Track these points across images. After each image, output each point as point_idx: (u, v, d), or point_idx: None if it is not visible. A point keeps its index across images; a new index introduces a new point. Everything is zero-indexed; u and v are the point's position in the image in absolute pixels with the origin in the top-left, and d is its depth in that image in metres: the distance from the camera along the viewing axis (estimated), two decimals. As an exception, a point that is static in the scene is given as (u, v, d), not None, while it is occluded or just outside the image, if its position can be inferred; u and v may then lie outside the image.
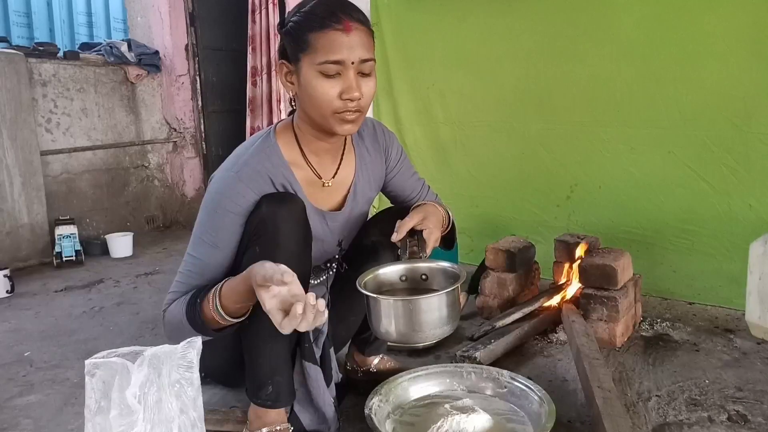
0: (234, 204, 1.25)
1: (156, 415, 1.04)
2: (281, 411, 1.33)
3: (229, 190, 1.25)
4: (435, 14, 2.88)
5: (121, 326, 2.27)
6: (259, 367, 1.29)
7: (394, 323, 1.21)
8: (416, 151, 3.05)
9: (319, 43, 1.16)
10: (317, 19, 1.16)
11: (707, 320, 2.10)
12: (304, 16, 1.18)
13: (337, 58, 1.16)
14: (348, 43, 1.16)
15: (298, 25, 1.18)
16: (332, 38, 1.16)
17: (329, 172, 1.39)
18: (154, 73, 4.08)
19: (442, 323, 1.22)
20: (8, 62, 3.12)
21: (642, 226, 2.37)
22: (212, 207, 1.27)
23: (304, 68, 1.19)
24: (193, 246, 1.29)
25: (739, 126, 2.12)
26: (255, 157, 1.29)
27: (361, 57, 1.18)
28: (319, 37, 1.16)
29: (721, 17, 2.11)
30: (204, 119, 4.35)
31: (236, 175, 1.26)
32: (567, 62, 2.50)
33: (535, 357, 1.86)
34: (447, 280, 1.33)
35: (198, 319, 1.20)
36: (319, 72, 1.18)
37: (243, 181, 1.25)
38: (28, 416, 1.61)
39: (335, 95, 1.19)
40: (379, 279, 1.35)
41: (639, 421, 1.46)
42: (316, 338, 1.38)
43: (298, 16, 1.20)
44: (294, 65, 1.22)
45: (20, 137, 3.18)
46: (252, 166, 1.27)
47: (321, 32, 1.16)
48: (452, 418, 1.37)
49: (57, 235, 3.21)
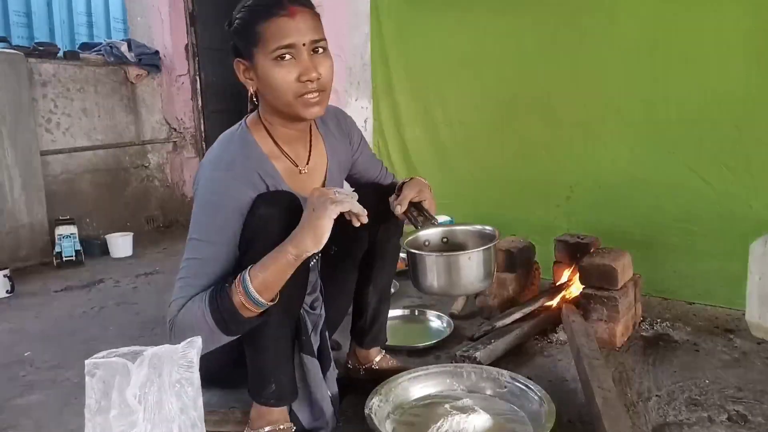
0: (235, 200, 1.24)
1: (156, 415, 1.04)
2: (283, 409, 1.33)
3: (226, 189, 1.25)
4: (435, 14, 2.88)
5: (121, 326, 2.27)
6: (262, 366, 1.29)
7: (437, 277, 1.36)
8: (416, 151, 3.05)
9: (269, 32, 1.19)
10: (262, 10, 1.20)
11: (707, 320, 2.10)
12: (249, 10, 1.22)
13: (288, 42, 1.19)
14: (295, 26, 1.19)
15: (245, 21, 1.22)
16: (279, 25, 1.19)
17: (303, 160, 1.41)
18: (154, 73, 4.09)
19: (478, 278, 1.37)
20: (8, 62, 3.12)
21: (642, 226, 2.37)
22: (212, 208, 1.25)
23: (260, 60, 1.22)
24: (195, 250, 1.25)
25: (739, 126, 2.12)
26: (240, 154, 1.30)
27: (311, 38, 1.22)
28: (267, 26, 1.19)
29: (721, 17, 2.11)
30: (204, 119, 4.35)
31: (229, 174, 1.26)
32: (567, 62, 2.50)
33: (535, 357, 1.86)
34: (483, 240, 1.46)
35: (226, 309, 1.16)
36: (273, 60, 1.20)
37: (237, 179, 1.25)
38: (28, 416, 1.61)
39: (293, 79, 1.21)
40: (419, 241, 1.47)
41: (639, 421, 1.46)
42: (315, 325, 1.40)
43: (243, 11, 1.23)
44: (249, 61, 1.25)
45: (20, 137, 3.18)
46: (240, 163, 1.28)
47: (268, 21, 1.19)
48: (452, 418, 1.37)
49: (57, 235, 3.21)
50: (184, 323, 1.21)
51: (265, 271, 1.16)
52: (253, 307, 1.16)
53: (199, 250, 1.25)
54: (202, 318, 1.18)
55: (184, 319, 1.21)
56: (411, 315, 2.25)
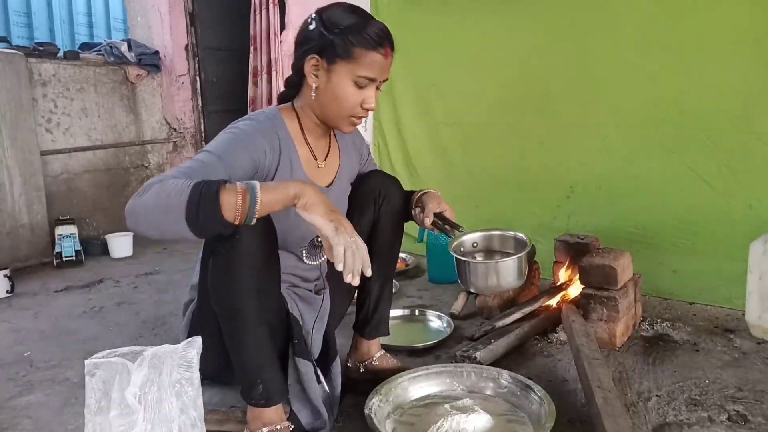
0: (251, 143, 1.32)
1: (156, 414, 1.04)
2: (279, 409, 1.34)
3: (247, 130, 1.34)
4: (435, 14, 2.88)
5: (121, 326, 2.27)
6: (246, 368, 1.30)
7: (480, 278, 1.60)
8: (416, 151, 3.05)
9: (364, 60, 1.33)
10: (370, 41, 1.32)
11: (707, 320, 2.10)
12: (358, 33, 1.32)
13: (373, 76, 1.35)
14: (383, 66, 1.36)
15: (349, 38, 1.32)
16: (375, 59, 1.34)
17: (321, 155, 1.51)
18: (154, 73, 4.08)
19: (514, 279, 1.60)
20: (8, 62, 3.12)
21: (642, 226, 2.37)
22: (232, 136, 1.32)
23: (340, 72, 1.34)
24: (200, 156, 1.28)
25: (739, 126, 2.12)
26: (270, 122, 1.40)
27: (385, 78, 1.40)
28: (365, 54, 1.33)
29: (721, 17, 2.11)
30: (204, 119, 4.35)
31: (255, 124, 1.36)
32: (567, 62, 2.50)
33: (535, 357, 1.86)
34: (516, 246, 1.69)
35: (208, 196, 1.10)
36: (352, 81, 1.34)
37: (261, 131, 1.35)
38: (28, 416, 1.61)
39: (357, 102, 1.37)
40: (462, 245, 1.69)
41: (639, 421, 1.46)
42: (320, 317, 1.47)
43: (352, 31, 1.32)
44: (328, 64, 1.34)
45: (20, 137, 3.18)
46: (266, 123, 1.38)
47: (368, 51, 1.33)
48: (452, 418, 1.37)
49: (57, 235, 3.21)
50: (152, 198, 1.13)
51: (268, 193, 1.16)
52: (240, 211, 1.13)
53: (205, 157, 1.27)
54: (175, 190, 1.11)
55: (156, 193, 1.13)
56: (411, 315, 2.25)
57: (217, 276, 1.27)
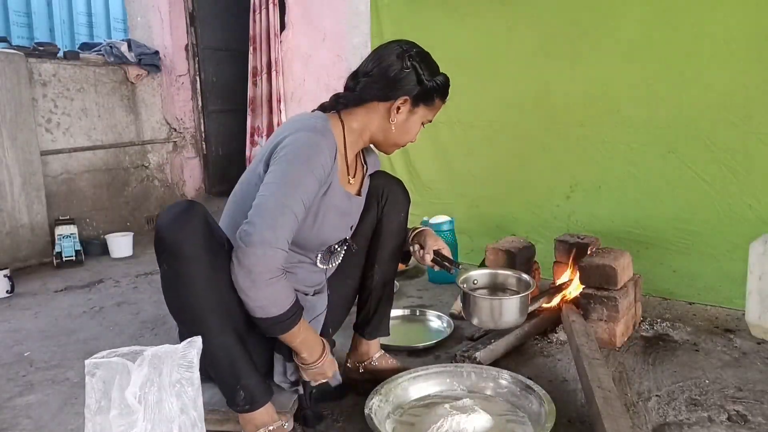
0: (320, 168, 1.34)
1: (156, 414, 1.04)
2: (268, 409, 1.34)
3: (319, 149, 1.34)
4: (435, 14, 2.88)
5: (121, 326, 2.27)
6: (223, 378, 1.31)
7: (484, 314, 1.70)
8: (416, 151, 3.05)
9: (434, 106, 1.52)
10: (443, 91, 1.51)
11: (707, 320, 2.10)
12: (441, 85, 1.49)
13: (432, 119, 1.55)
14: (438, 111, 1.55)
15: (435, 89, 1.48)
16: (438, 107, 1.54)
17: (352, 170, 1.54)
18: (154, 73, 4.08)
19: (516, 317, 1.71)
20: (8, 62, 3.12)
21: (642, 226, 2.37)
22: (306, 159, 1.32)
23: (419, 114, 1.50)
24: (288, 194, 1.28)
25: (739, 126, 2.12)
26: (327, 135, 1.40)
27: None
28: (438, 103, 1.52)
29: (721, 17, 2.11)
30: (204, 119, 4.35)
31: (322, 138, 1.37)
32: (567, 62, 2.50)
33: (535, 357, 1.86)
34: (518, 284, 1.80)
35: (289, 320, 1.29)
36: (419, 121, 1.52)
37: (327, 146, 1.36)
38: (28, 416, 1.61)
39: (412, 138, 1.55)
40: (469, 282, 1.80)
41: (639, 421, 1.46)
42: None
43: (440, 85, 1.49)
44: (412, 107, 1.47)
45: (20, 137, 3.18)
46: (326, 134, 1.39)
47: (439, 101, 1.52)
48: (452, 418, 1.37)
49: (57, 235, 3.21)
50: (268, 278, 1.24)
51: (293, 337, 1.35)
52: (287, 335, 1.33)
53: (298, 207, 1.29)
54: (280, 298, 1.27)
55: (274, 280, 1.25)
56: (411, 315, 2.25)
57: (170, 293, 1.28)
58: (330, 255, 1.54)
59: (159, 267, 1.27)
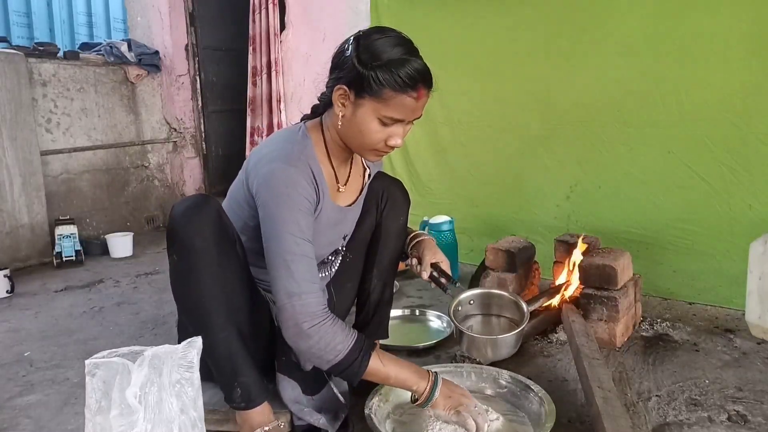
0: (306, 201, 1.27)
1: (156, 414, 1.04)
2: (264, 409, 1.34)
3: (295, 185, 1.26)
4: (435, 14, 2.88)
5: (121, 326, 2.27)
6: (221, 373, 1.31)
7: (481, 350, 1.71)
8: (416, 151, 3.05)
9: (391, 102, 1.22)
10: (401, 83, 1.21)
11: (707, 320, 2.10)
12: (390, 73, 1.20)
13: (400, 117, 1.25)
14: (414, 108, 1.26)
15: (380, 77, 1.21)
16: (404, 102, 1.23)
17: (342, 178, 1.47)
18: (154, 73, 4.08)
19: (510, 349, 1.72)
20: (8, 62, 3.12)
21: (642, 226, 2.37)
22: (290, 202, 1.25)
23: (365, 107, 1.24)
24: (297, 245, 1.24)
25: (739, 126, 2.12)
26: (297, 148, 1.32)
27: (416, 117, 1.29)
28: (393, 96, 1.22)
29: (721, 17, 2.11)
30: (204, 119, 4.35)
31: (292, 168, 1.27)
32: (567, 62, 2.50)
33: (535, 357, 1.86)
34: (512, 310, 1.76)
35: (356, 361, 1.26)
36: (377, 118, 1.25)
37: (300, 174, 1.27)
38: (28, 416, 1.61)
39: (381, 139, 1.28)
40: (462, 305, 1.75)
41: (639, 421, 1.46)
42: None
43: (384, 69, 1.21)
44: (354, 97, 1.25)
45: (20, 137, 3.18)
46: (297, 156, 1.30)
47: (397, 94, 1.22)
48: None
49: (57, 235, 3.21)
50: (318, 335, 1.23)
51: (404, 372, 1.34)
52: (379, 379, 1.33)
53: (302, 247, 1.24)
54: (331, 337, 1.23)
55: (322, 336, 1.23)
56: (411, 315, 2.25)
57: (177, 285, 1.29)
58: (323, 266, 1.54)
59: (168, 257, 1.29)
